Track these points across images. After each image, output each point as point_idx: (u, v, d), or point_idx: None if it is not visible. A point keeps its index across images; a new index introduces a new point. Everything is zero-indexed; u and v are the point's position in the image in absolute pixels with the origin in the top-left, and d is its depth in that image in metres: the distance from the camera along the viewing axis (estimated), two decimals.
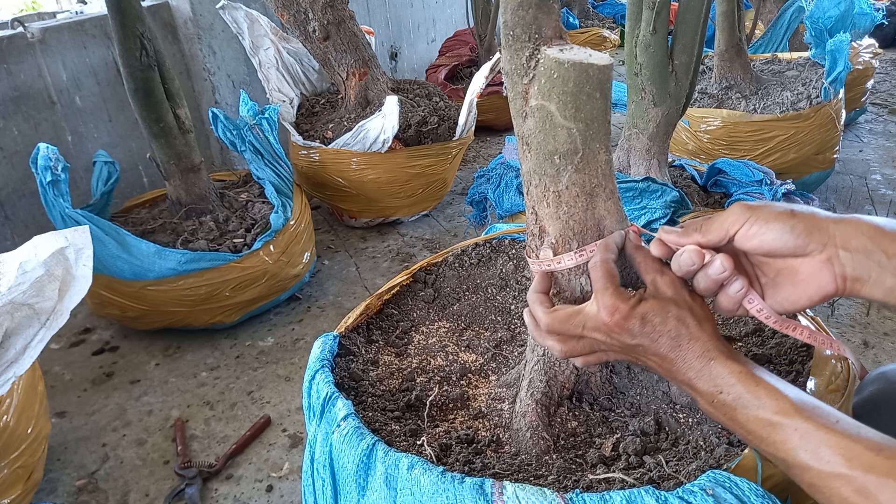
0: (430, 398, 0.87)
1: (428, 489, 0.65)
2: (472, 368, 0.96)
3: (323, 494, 0.76)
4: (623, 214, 0.75)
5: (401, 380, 0.94)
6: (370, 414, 0.83)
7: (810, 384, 0.78)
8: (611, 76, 0.69)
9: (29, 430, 1.23)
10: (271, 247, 1.81)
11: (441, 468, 0.68)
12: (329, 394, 0.81)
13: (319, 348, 0.91)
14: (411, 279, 1.14)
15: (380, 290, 1.10)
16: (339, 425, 0.76)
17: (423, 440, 0.77)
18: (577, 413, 0.82)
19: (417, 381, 0.94)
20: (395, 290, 1.12)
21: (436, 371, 0.96)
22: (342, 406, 0.79)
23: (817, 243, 0.60)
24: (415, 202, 2.41)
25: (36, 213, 2.10)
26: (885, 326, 1.75)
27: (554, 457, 0.76)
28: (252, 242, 1.81)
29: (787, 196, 1.58)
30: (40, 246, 1.14)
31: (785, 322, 0.67)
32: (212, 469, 1.40)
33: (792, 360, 0.86)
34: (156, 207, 2.04)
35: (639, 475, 0.69)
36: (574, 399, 0.83)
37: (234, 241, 1.83)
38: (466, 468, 0.73)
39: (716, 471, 0.65)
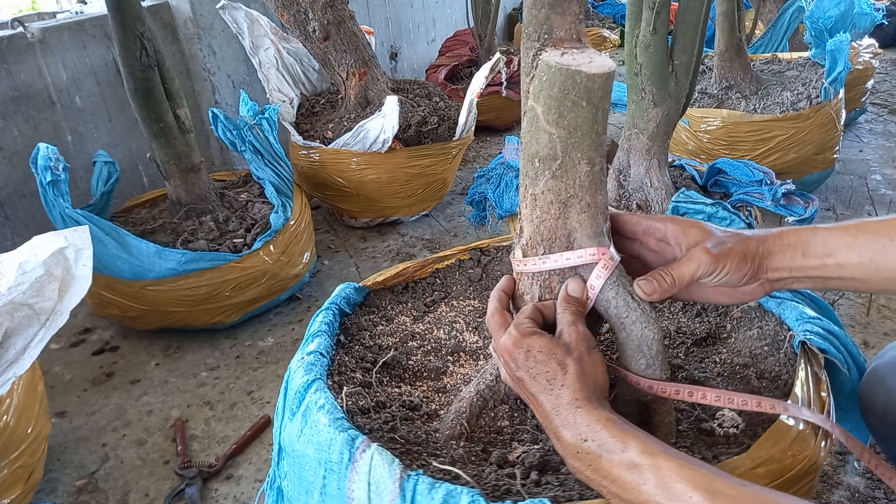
0: (384, 359, 0.92)
1: (320, 428, 0.73)
2: (467, 349, 0.98)
3: (279, 409, 0.85)
4: (598, 231, 0.72)
5: (397, 339, 0.98)
6: (346, 359, 0.90)
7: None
8: (603, 85, 0.67)
9: (29, 430, 1.23)
10: (271, 247, 1.81)
11: (341, 416, 0.74)
12: (317, 330, 0.91)
13: (336, 293, 1.01)
14: (468, 255, 1.17)
15: (433, 257, 1.14)
16: (304, 356, 0.86)
17: (345, 390, 0.82)
18: (515, 415, 0.82)
19: (409, 345, 0.97)
20: (450, 261, 1.14)
21: (431, 341, 0.98)
22: (316, 343, 0.88)
23: (757, 277, 0.70)
24: (415, 202, 2.41)
25: (36, 213, 2.10)
26: (885, 326, 1.75)
27: (461, 444, 0.77)
28: (252, 242, 1.81)
29: (788, 196, 1.58)
30: (40, 246, 1.14)
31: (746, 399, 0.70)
32: (212, 469, 1.40)
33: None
34: (156, 207, 2.04)
35: (502, 483, 0.70)
36: (520, 401, 0.83)
37: (234, 241, 1.83)
38: (379, 425, 0.78)
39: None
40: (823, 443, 0.73)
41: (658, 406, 0.74)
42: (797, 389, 0.77)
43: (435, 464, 0.71)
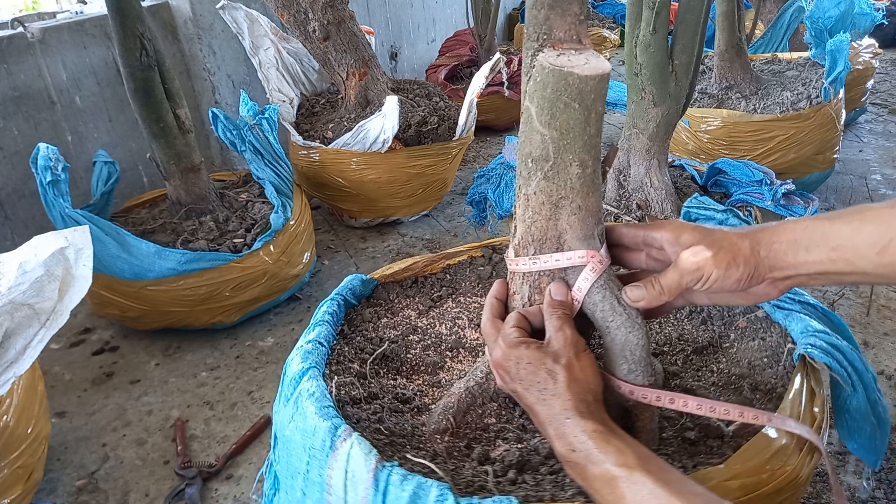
0: (379, 351, 0.93)
1: (308, 415, 0.76)
2: (467, 345, 0.98)
3: (277, 395, 0.88)
4: (588, 233, 0.72)
5: (399, 332, 1.00)
6: (346, 349, 0.93)
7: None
8: (596, 88, 0.66)
9: (29, 430, 1.23)
10: (271, 247, 1.81)
11: (328, 404, 0.76)
12: (319, 319, 0.94)
13: (343, 284, 1.04)
14: (480, 252, 1.17)
15: (444, 252, 1.15)
16: (303, 344, 0.89)
17: (335, 380, 0.84)
18: (502, 413, 0.82)
19: (410, 338, 0.99)
20: (462, 258, 1.15)
21: (432, 335, 0.99)
22: (316, 332, 0.91)
23: (761, 278, 0.66)
24: (415, 202, 2.41)
25: (36, 213, 2.10)
26: (885, 326, 1.75)
27: (446, 438, 0.78)
28: (252, 242, 1.81)
29: (788, 196, 1.58)
30: (40, 246, 1.14)
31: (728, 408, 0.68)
32: (212, 469, 1.40)
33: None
34: (156, 207, 2.04)
35: (477, 479, 0.70)
36: (509, 400, 0.83)
37: (234, 241, 1.83)
38: (367, 416, 0.79)
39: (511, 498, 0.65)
40: (809, 458, 0.71)
41: (640, 412, 0.74)
42: (787, 402, 0.76)
43: (409, 456, 0.72)
